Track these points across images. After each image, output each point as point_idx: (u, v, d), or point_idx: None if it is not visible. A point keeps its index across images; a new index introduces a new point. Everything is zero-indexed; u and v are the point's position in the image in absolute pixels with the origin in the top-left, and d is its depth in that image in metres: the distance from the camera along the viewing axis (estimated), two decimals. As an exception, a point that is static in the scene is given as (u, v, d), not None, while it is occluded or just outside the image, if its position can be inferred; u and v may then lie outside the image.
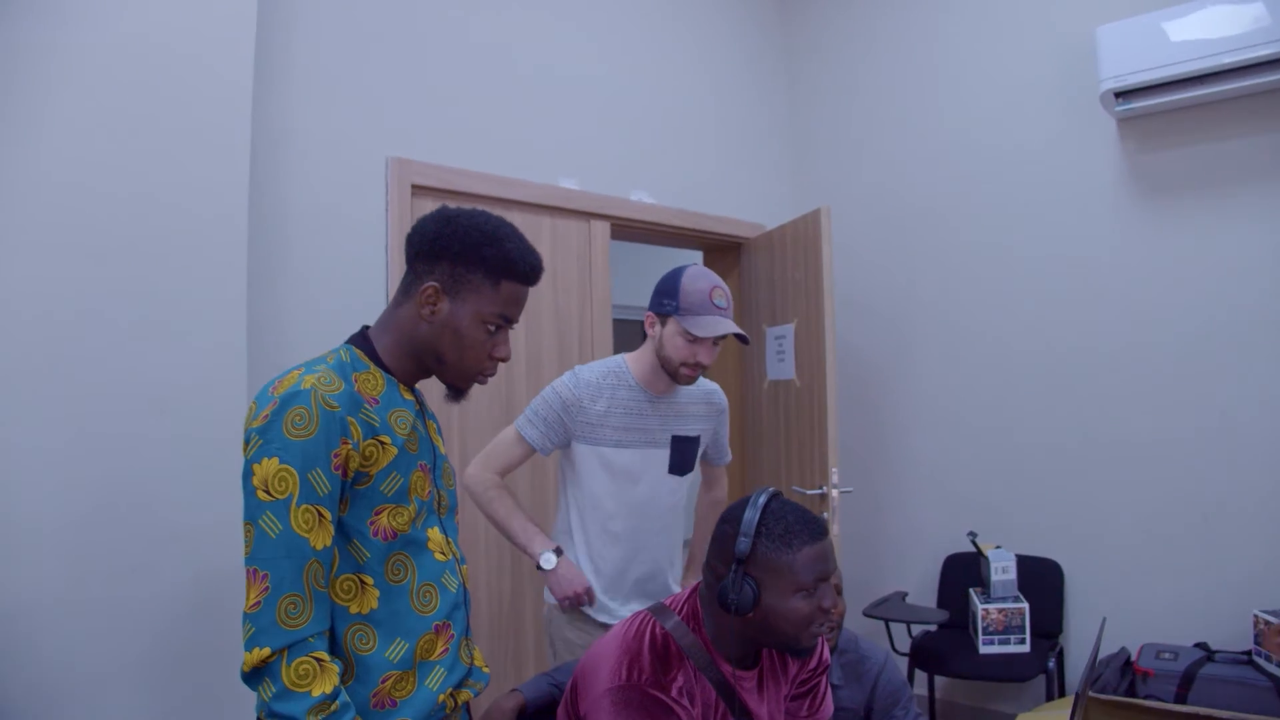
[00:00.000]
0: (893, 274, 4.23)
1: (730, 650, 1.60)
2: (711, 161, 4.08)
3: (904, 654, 3.65)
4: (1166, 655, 3.23)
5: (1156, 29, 3.23)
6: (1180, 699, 3.09)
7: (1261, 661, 3.07)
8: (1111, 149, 3.60)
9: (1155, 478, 3.52)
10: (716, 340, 2.18)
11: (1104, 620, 2.67)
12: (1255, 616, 3.11)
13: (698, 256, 4.52)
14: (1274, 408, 3.28)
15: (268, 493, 1.27)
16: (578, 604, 2.22)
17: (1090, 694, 3.19)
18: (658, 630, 1.61)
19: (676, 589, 2.37)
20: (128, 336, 2.16)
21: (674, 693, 1.54)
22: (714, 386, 2.44)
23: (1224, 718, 2.98)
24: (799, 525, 1.54)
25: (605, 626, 2.26)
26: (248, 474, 1.30)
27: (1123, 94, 3.36)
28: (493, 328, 1.46)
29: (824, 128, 4.51)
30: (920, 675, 3.77)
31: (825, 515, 3.68)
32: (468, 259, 1.42)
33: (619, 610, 2.27)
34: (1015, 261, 3.86)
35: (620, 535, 2.27)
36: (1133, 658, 3.35)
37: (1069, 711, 3.12)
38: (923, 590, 4.03)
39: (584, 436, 2.25)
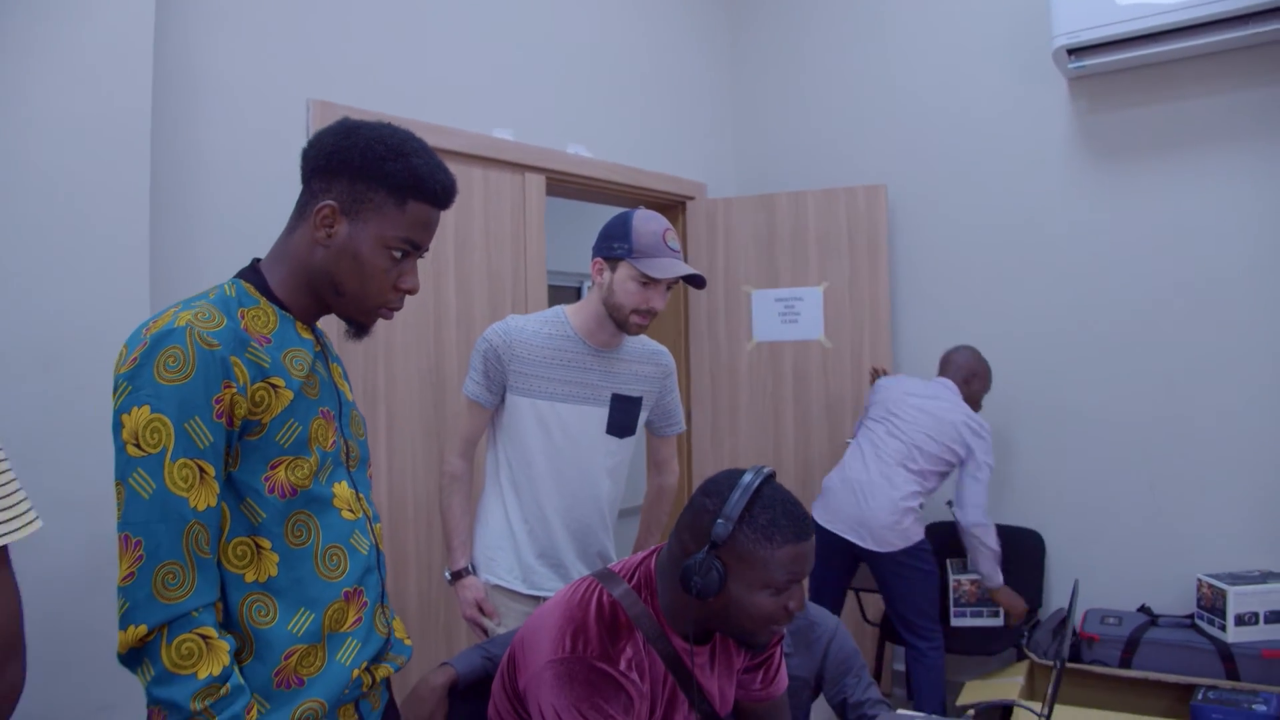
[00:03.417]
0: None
1: (687, 628, 1.47)
2: (651, 117, 3.92)
3: (874, 624, 3.57)
4: (1111, 620, 3.22)
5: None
6: (1125, 663, 3.08)
7: (1204, 625, 3.07)
8: (1062, 109, 3.54)
9: (1103, 446, 3.50)
10: (669, 285, 2.05)
11: (1076, 583, 2.61)
12: (1199, 580, 3.11)
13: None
14: (1220, 375, 3.27)
15: (138, 447, 1.10)
16: (477, 624, 2.17)
17: (1035, 659, 3.17)
18: (605, 598, 1.47)
19: (613, 556, 2.24)
20: (11, 283, 1.94)
21: (622, 665, 1.40)
22: (660, 347, 2.31)
23: (1167, 680, 2.98)
24: (786, 521, 1.39)
25: (533, 599, 2.14)
26: (116, 426, 1.12)
27: (1075, 51, 3.28)
28: (398, 254, 1.28)
29: (769, 85, 4.37)
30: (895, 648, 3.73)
31: None
32: (369, 175, 1.24)
33: (544, 582, 2.14)
34: (964, 226, 3.79)
35: (551, 496, 2.13)
36: (1075, 621, 3.34)
37: (1020, 678, 3.10)
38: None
39: (518, 387, 2.10)
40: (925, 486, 3.17)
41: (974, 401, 3.34)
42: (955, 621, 3.32)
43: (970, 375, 3.34)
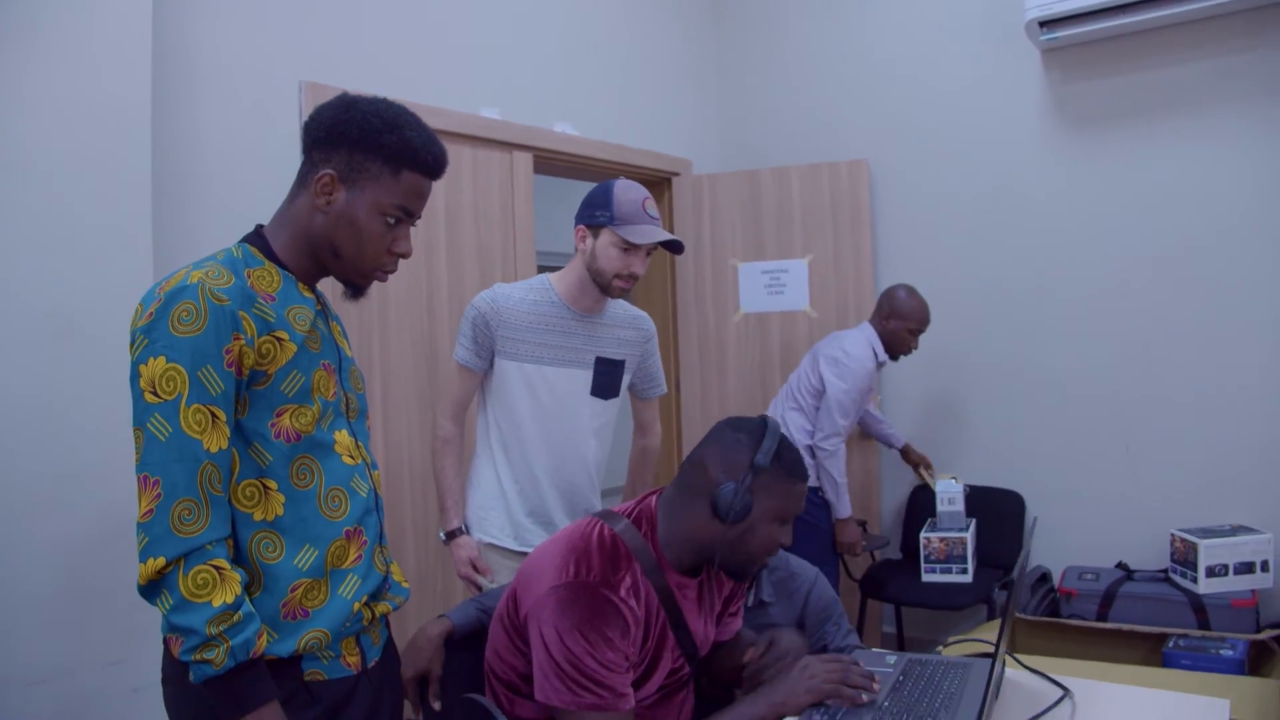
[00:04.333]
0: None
1: (691, 558, 1.57)
2: (636, 95, 4.01)
3: (858, 580, 3.68)
4: (1089, 576, 3.32)
5: (1081, -45, 3.24)
6: (1102, 617, 3.18)
7: (1177, 578, 3.17)
8: (1036, 80, 3.62)
9: (1080, 408, 3.60)
10: (649, 251, 2.15)
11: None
12: (1173, 536, 3.21)
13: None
14: (1192, 337, 3.37)
15: (155, 394, 1.20)
16: (471, 582, 2.26)
17: (1016, 615, 3.27)
18: (605, 531, 1.56)
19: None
20: (24, 259, 2.03)
21: (622, 592, 1.48)
22: (641, 313, 2.40)
23: (1141, 631, 3.08)
24: (798, 462, 1.56)
25: (525, 556, 2.21)
26: (134, 376, 1.22)
27: (1047, 23, 3.37)
28: (392, 220, 1.38)
29: (751, 63, 4.44)
30: (886, 609, 3.88)
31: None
32: (366, 146, 1.34)
33: (535, 540, 2.22)
34: (943, 197, 3.88)
35: (540, 456, 2.23)
36: (1055, 579, 3.44)
37: (997, 633, 3.21)
38: (895, 522, 4.04)
39: (506, 351, 2.20)
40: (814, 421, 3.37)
41: (896, 340, 3.39)
42: (925, 577, 3.45)
43: (889, 314, 3.40)
